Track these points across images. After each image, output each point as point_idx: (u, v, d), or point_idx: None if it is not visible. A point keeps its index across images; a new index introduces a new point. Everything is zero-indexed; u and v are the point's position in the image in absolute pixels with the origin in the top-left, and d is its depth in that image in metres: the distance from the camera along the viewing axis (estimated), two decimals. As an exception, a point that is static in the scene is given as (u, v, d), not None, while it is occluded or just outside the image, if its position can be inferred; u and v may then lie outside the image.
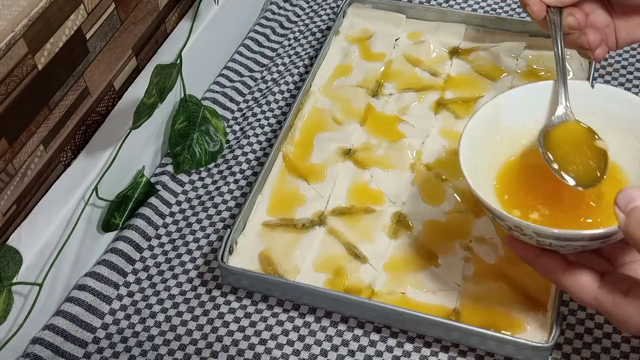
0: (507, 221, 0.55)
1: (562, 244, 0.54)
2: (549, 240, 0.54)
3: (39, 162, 0.65)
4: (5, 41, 0.57)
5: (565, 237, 0.53)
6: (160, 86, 0.69)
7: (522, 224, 0.53)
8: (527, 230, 0.54)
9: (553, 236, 0.53)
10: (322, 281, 0.66)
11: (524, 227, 0.54)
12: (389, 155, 0.75)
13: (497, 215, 0.56)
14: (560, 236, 0.53)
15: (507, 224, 0.55)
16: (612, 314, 0.53)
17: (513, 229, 0.55)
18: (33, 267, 0.63)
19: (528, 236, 0.55)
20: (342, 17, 0.88)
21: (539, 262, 0.56)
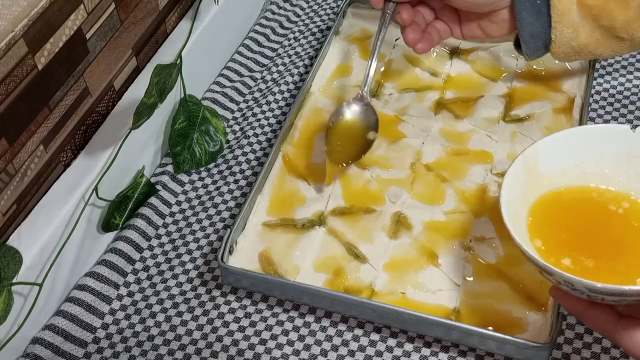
0: (557, 276, 0.52)
1: (616, 299, 0.51)
2: (602, 296, 0.51)
3: (39, 162, 0.65)
4: (5, 41, 0.57)
5: (621, 293, 0.50)
6: (160, 86, 0.69)
7: (574, 280, 0.51)
8: (578, 286, 0.51)
9: (607, 292, 0.50)
10: (322, 281, 0.66)
11: (576, 283, 0.51)
12: (389, 155, 0.75)
13: (545, 270, 0.53)
14: (615, 292, 0.50)
15: (555, 279, 0.53)
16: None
17: (562, 283, 0.53)
18: (33, 267, 0.63)
19: (579, 291, 0.52)
20: (342, 17, 0.88)
21: (589, 316, 0.54)
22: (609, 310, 0.53)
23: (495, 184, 0.71)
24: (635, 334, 0.51)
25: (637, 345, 0.51)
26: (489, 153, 0.74)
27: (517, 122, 0.76)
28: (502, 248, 0.66)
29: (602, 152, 0.60)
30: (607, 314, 0.53)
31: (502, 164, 0.72)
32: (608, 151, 0.60)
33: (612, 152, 0.60)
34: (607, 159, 0.60)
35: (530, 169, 0.60)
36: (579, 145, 0.61)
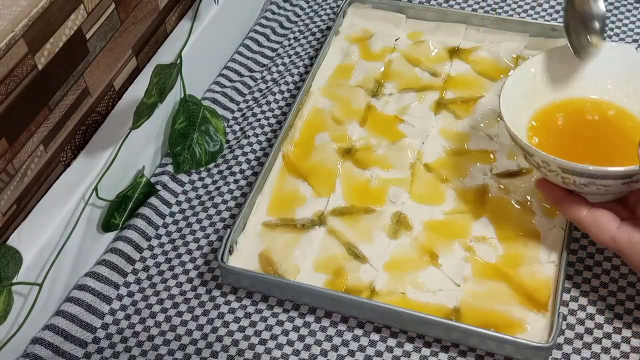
0: (536, 157, 0.59)
1: (585, 181, 0.57)
2: (573, 178, 0.58)
3: (39, 162, 0.65)
4: (5, 41, 0.57)
5: (589, 173, 0.57)
6: (160, 86, 0.69)
7: (549, 159, 0.58)
8: (553, 166, 0.58)
9: (577, 172, 0.57)
10: (322, 281, 0.66)
11: (551, 162, 0.58)
12: (389, 155, 0.75)
13: (526, 151, 0.60)
14: (584, 172, 0.57)
15: (535, 160, 0.60)
16: (627, 254, 0.57)
17: (541, 164, 0.60)
18: (33, 267, 0.63)
19: (554, 172, 0.59)
20: (342, 17, 0.88)
21: (564, 203, 0.61)
22: (583, 200, 0.60)
23: (495, 184, 0.71)
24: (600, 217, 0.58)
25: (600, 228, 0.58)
26: (489, 153, 0.74)
27: (517, 122, 0.77)
28: (502, 248, 0.67)
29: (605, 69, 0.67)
30: (581, 203, 0.60)
31: (502, 164, 0.72)
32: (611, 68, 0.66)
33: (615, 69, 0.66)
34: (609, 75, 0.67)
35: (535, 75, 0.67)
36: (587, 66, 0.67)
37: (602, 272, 0.66)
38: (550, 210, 0.68)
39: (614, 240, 0.58)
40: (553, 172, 0.59)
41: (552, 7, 0.91)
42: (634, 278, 0.66)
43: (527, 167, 0.72)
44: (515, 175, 0.72)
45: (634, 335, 0.62)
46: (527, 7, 0.91)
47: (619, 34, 0.86)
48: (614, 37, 0.86)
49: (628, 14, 0.89)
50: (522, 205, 0.69)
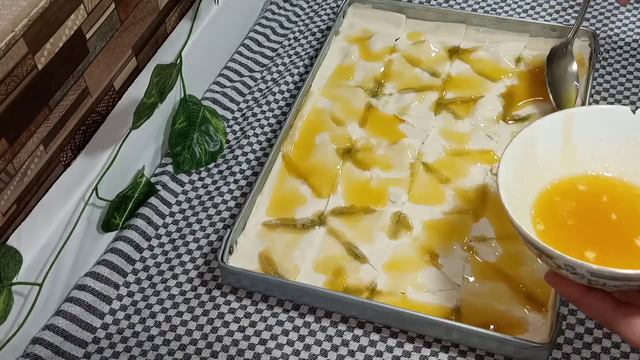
0: (558, 260, 0.50)
1: (619, 284, 0.50)
2: (603, 280, 0.50)
3: (39, 162, 0.65)
4: (5, 41, 0.57)
5: (625, 277, 0.49)
6: (160, 86, 0.69)
7: (577, 264, 0.49)
8: (579, 270, 0.50)
9: (611, 276, 0.49)
10: (322, 281, 0.66)
11: (578, 266, 0.49)
12: (389, 155, 0.75)
13: (545, 253, 0.51)
14: (618, 276, 0.49)
15: (556, 262, 0.51)
16: None
17: (562, 267, 0.51)
18: (33, 267, 0.63)
19: (579, 275, 0.50)
20: (342, 17, 0.88)
21: (586, 302, 0.52)
22: (606, 297, 0.52)
23: (495, 184, 0.71)
24: (634, 321, 0.50)
25: (637, 333, 0.50)
26: (489, 153, 0.74)
27: (517, 122, 0.76)
28: (502, 248, 0.67)
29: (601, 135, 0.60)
30: (605, 300, 0.52)
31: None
32: (606, 134, 0.59)
33: (611, 134, 0.59)
34: (605, 142, 0.60)
35: (527, 151, 0.59)
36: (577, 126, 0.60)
37: (602, 272, 0.66)
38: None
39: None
40: (577, 275, 0.51)
41: (552, 7, 0.91)
42: (634, 278, 0.66)
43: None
44: (515, 175, 0.71)
45: (634, 335, 0.62)
46: (527, 7, 0.91)
47: (619, 33, 0.86)
48: (613, 36, 0.86)
49: (628, 13, 0.89)
50: (522, 205, 0.69)
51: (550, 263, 0.52)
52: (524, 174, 0.58)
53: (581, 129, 0.60)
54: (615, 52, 0.85)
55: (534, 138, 0.59)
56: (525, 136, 0.59)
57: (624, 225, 0.57)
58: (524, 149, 0.59)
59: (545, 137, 0.60)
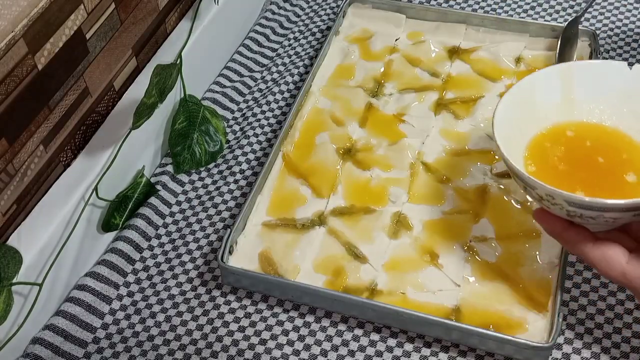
0: (539, 189, 0.54)
1: (594, 214, 0.53)
2: (580, 211, 0.53)
3: (39, 162, 0.65)
4: (5, 41, 0.57)
5: (599, 207, 0.52)
6: (160, 86, 0.69)
7: (555, 192, 0.53)
8: (558, 199, 0.53)
9: (585, 205, 0.52)
10: (322, 281, 0.66)
11: (556, 195, 0.53)
12: (389, 155, 0.75)
13: (528, 184, 0.55)
14: (593, 205, 0.52)
15: (538, 193, 0.55)
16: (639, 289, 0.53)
17: (544, 197, 0.54)
18: (33, 267, 0.63)
19: (559, 206, 0.54)
20: (342, 17, 0.88)
21: (566, 235, 0.56)
22: (586, 232, 0.55)
23: (495, 184, 0.71)
24: (608, 251, 0.54)
25: (609, 263, 0.53)
26: (489, 153, 0.74)
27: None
28: (502, 248, 0.67)
29: (597, 88, 0.62)
30: (584, 235, 0.55)
31: (502, 164, 0.72)
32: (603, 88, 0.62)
33: (607, 88, 0.62)
34: (601, 95, 0.62)
35: (526, 100, 0.62)
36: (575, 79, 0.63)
37: (602, 272, 0.66)
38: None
39: (624, 276, 0.53)
40: (557, 206, 0.54)
41: (552, 7, 0.91)
42: (634, 278, 0.66)
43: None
44: (515, 175, 0.71)
45: (634, 335, 0.62)
46: (527, 7, 0.91)
47: (619, 33, 0.87)
48: (613, 36, 0.86)
49: (628, 13, 0.89)
50: (522, 205, 0.69)
51: (534, 194, 0.55)
52: (520, 119, 0.61)
53: (580, 82, 0.62)
54: (615, 52, 0.85)
55: (533, 87, 0.62)
56: (525, 85, 0.62)
57: (613, 166, 0.60)
58: (522, 97, 0.62)
59: (544, 87, 0.63)
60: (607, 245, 0.54)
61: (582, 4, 0.90)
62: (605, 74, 0.62)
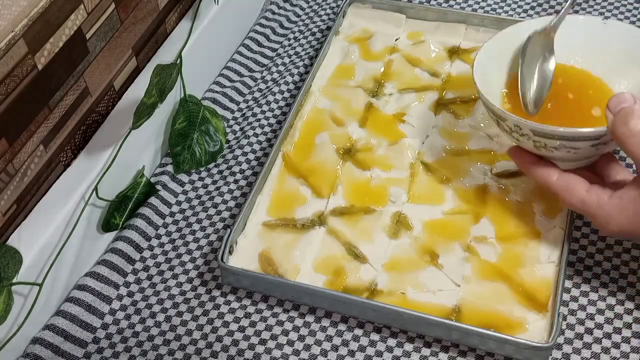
0: (509, 121, 0.61)
1: (556, 143, 0.59)
2: (544, 140, 0.59)
3: (39, 162, 0.65)
4: (5, 41, 0.57)
5: (559, 135, 0.58)
6: (160, 86, 0.69)
7: (521, 122, 0.59)
8: (525, 129, 0.60)
9: (548, 134, 0.58)
10: (322, 281, 0.66)
11: (523, 125, 0.59)
12: (389, 155, 0.75)
13: (499, 116, 0.61)
14: (554, 134, 0.58)
15: (507, 125, 0.61)
16: (595, 215, 0.59)
17: (513, 129, 0.61)
18: (33, 267, 0.63)
19: (526, 136, 0.60)
20: (342, 17, 0.88)
21: (535, 169, 0.63)
22: (554, 166, 0.62)
23: (495, 184, 0.71)
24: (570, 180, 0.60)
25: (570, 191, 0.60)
26: (489, 153, 0.74)
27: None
28: (502, 248, 0.67)
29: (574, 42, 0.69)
30: (552, 169, 0.62)
31: (502, 164, 0.72)
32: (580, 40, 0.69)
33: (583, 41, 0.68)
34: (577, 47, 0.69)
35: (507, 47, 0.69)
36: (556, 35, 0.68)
37: (602, 272, 0.66)
38: (550, 210, 0.68)
39: (583, 202, 0.59)
40: (525, 136, 0.60)
41: (552, 7, 0.91)
42: (634, 278, 0.66)
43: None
44: (515, 175, 0.72)
45: (634, 335, 0.62)
46: (527, 7, 0.91)
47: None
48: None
49: (628, 13, 0.89)
50: (522, 206, 0.69)
51: (504, 127, 0.62)
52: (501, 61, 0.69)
53: (558, 35, 0.69)
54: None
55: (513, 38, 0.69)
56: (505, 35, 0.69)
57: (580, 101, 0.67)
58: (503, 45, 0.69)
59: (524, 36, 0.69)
60: (570, 175, 0.61)
61: (582, 3, 0.90)
62: (582, 28, 0.69)
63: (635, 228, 0.57)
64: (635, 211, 0.57)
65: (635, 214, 0.57)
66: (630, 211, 0.57)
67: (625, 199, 0.57)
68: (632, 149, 0.55)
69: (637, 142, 0.55)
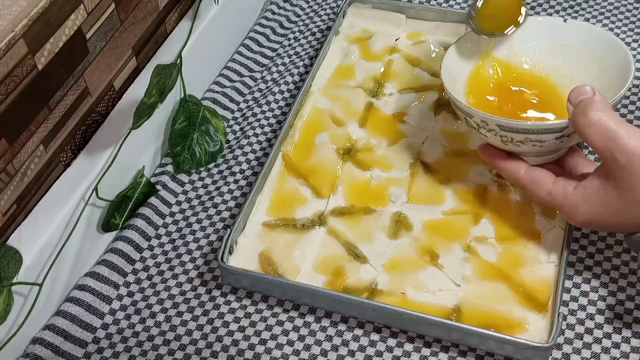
0: (475, 117, 0.63)
1: (522, 137, 0.61)
2: (510, 135, 0.61)
3: (39, 162, 0.65)
4: (5, 41, 0.57)
5: (524, 129, 0.60)
6: (160, 86, 0.69)
7: (487, 117, 0.61)
8: (491, 125, 0.62)
9: (513, 128, 0.61)
10: (322, 281, 0.66)
11: (489, 120, 0.61)
12: (389, 155, 0.75)
13: (466, 112, 0.63)
14: (519, 128, 0.60)
15: (475, 121, 0.63)
16: (562, 206, 0.61)
17: (480, 125, 0.63)
18: (33, 267, 0.63)
19: (493, 132, 0.62)
20: (342, 17, 0.88)
21: (504, 165, 0.65)
22: (522, 162, 0.64)
23: (495, 184, 0.71)
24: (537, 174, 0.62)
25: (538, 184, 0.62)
26: (489, 153, 0.74)
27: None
28: (502, 248, 0.67)
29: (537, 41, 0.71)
30: (520, 164, 0.64)
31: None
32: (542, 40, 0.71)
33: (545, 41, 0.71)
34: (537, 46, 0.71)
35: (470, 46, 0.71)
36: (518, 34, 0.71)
37: (602, 272, 0.66)
38: (550, 210, 0.68)
39: (550, 194, 0.61)
40: (492, 132, 0.62)
41: (552, 7, 0.91)
42: (634, 278, 0.66)
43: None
44: (515, 175, 0.72)
45: (634, 335, 0.62)
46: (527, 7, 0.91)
47: (619, 34, 0.87)
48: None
49: (628, 13, 0.89)
50: (522, 206, 0.69)
51: (472, 123, 0.64)
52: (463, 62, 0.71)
53: (521, 36, 0.71)
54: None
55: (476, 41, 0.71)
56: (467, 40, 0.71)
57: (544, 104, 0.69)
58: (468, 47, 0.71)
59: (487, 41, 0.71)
60: (537, 169, 0.63)
61: (582, 3, 0.90)
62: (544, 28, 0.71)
63: (601, 217, 0.59)
64: (600, 200, 0.58)
65: (600, 203, 0.58)
66: (594, 199, 0.59)
67: (589, 188, 0.59)
68: (591, 138, 0.57)
69: (595, 131, 0.57)
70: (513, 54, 0.72)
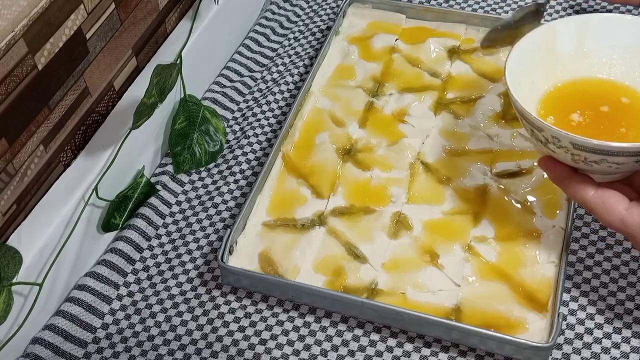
0: (546, 131, 0.55)
1: (598, 158, 0.54)
2: (584, 154, 0.54)
3: (39, 162, 0.65)
4: (5, 41, 0.57)
5: (602, 150, 0.53)
6: (160, 86, 0.69)
7: (561, 134, 0.54)
8: (564, 142, 0.55)
9: (590, 148, 0.53)
10: (322, 281, 0.66)
11: (562, 137, 0.54)
12: (389, 155, 0.75)
13: (535, 125, 0.56)
14: (597, 148, 0.53)
15: (544, 135, 0.56)
16: (635, 236, 0.54)
17: (550, 140, 0.56)
18: (33, 267, 0.63)
19: (564, 149, 0.55)
20: (342, 17, 0.88)
21: (570, 182, 0.57)
22: (589, 180, 0.57)
23: (495, 184, 0.71)
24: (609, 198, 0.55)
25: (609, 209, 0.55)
26: (489, 153, 0.74)
27: (517, 122, 0.76)
28: (502, 248, 0.67)
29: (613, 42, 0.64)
30: (588, 183, 0.57)
31: (502, 164, 0.72)
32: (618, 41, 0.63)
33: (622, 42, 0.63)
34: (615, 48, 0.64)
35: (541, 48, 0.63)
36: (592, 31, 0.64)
37: (602, 272, 0.66)
38: (550, 210, 0.68)
39: (622, 222, 0.55)
40: (562, 149, 0.56)
41: (552, 7, 0.91)
42: (634, 278, 0.66)
43: (527, 167, 0.72)
44: (515, 175, 0.72)
45: (634, 335, 0.62)
46: (527, 7, 0.91)
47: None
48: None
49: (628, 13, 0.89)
50: (522, 205, 0.69)
51: (540, 137, 0.57)
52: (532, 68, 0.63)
53: (595, 34, 0.64)
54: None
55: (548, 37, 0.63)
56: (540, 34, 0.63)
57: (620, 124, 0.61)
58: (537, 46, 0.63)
59: (559, 38, 0.64)
60: (607, 192, 0.56)
61: (582, 3, 0.91)
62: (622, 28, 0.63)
63: None
64: None
65: None
66: None
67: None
68: None
69: None
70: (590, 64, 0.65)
